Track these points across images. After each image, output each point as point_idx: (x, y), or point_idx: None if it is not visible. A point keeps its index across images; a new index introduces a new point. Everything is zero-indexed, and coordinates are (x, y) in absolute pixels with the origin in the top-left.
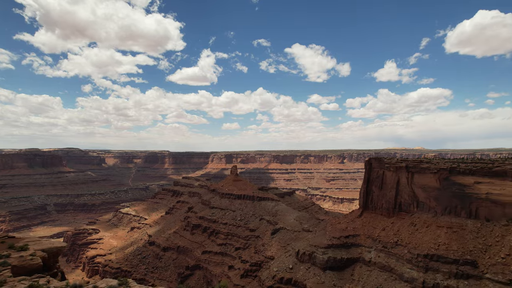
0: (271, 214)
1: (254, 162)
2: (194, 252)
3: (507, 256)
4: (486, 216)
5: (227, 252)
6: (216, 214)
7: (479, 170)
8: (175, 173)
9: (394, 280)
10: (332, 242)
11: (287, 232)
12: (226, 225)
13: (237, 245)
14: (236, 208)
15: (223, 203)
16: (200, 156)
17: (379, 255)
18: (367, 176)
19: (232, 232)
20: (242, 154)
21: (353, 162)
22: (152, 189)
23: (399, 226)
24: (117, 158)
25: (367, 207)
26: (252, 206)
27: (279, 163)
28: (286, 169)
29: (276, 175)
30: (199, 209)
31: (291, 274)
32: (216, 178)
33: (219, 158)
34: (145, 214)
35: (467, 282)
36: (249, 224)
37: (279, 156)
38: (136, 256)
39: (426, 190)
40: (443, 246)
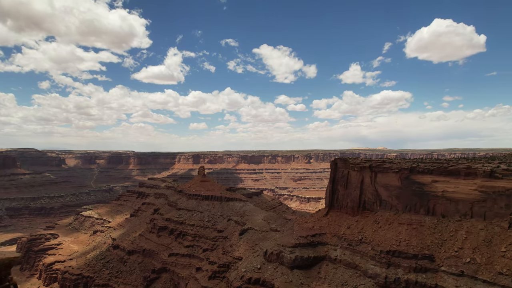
0: (239, 215)
1: (222, 162)
2: (160, 254)
3: (459, 250)
4: (442, 212)
5: (194, 254)
6: (183, 216)
7: (436, 170)
8: (141, 174)
9: (359, 276)
10: (299, 241)
11: (255, 232)
12: (194, 227)
13: (204, 246)
14: (203, 209)
15: (190, 204)
16: (166, 157)
17: (344, 253)
18: (333, 176)
19: (200, 233)
20: (209, 155)
21: (320, 162)
22: (116, 191)
23: (363, 224)
24: (78, 159)
25: (333, 206)
26: (220, 207)
27: (247, 163)
28: (254, 169)
29: (244, 176)
30: (166, 210)
31: (259, 274)
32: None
33: (186, 159)
34: (108, 216)
35: (425, 275)
36: (217, 225)
37: (247, 157)
38: (99, 260)
39: (389, 189)
40: (404, 242)
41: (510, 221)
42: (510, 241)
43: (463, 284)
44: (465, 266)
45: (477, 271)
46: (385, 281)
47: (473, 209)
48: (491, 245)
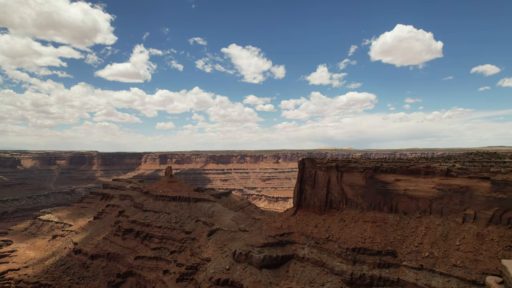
0: (207, 215)
1: (190, 162)
2: (126, 258)
3: (419, 245)
4: (404, 210)
5: (161, 256)
6: (150, 217)
7: (398, 169)
8: (105, 175)
9: (326, 274)
10: (268, 240)
11: (223, 232)
12: (161, 229)
13: (172, 248)
14: (171, 210)
15: (157, 206)
16: (132, 157)
17: (312, 251)
18: (301, 175)
19: (167, 235)
20: (177, 155)
21: (288, 162)
22: (78, 193)
23: (330, 223)
24: (36, 160)
25: (300, 205)
26: (187, 207)
27: (215, 163)
28: (223, 169)
29: (212, 176)
30: (131, 212)
31: (227, 274)
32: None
33: (152, 159)
34: (70, 220)
35: (388, 270)
36: (185, 226)
37: (216, 157)
38: (58, 267)
39: (354, 188)
40: (369, 239)
41: (463, 217)
42: (464, 235)
43: (422, 277)
44: (424, 260)
45: (435, 264)
46: (351, 278)
47: (432, 206)
48: (447, 240)
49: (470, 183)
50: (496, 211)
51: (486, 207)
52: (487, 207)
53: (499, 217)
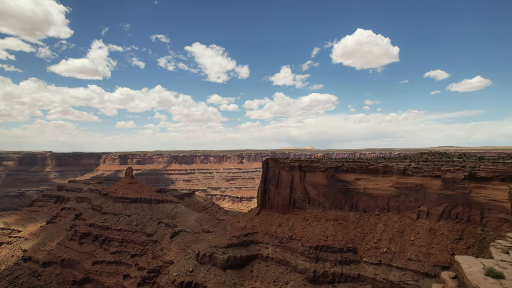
0: (170, 217)
1: (152, 163)
2: (83, 264)
3: (378, 241)
4: (364, 208)
5: (122, 260)
6: (109, 220)
7: (358, 168)
8: (60, 176)
9: (290, 272)
10: (232, 241)
11: (187, 234)
12: (121, 231)
13: (133, 252)
14: (131, 212)
15: (117, 208)
16: (90, 157)
17: (276, 250)
18: (264, 175)
19: (128, 238)
20: (138, 155)
21: (252, 162)
22: (29, 196)
23: (294, 222)
24: None
25: (264, 205)
26: (149, 209)
27: (178, 163)
28: (186, 169)
29: (175, 176)
30: (89, 215)
31: (191, 277)
32: (109, 181)
33: (112, 159)
34: (18, 225)
35: (349, 267)
36: (146, 228)
37: (178, 157)
38: (4, 277)
39: (316, 187)
40: (331, 237)
41: (418, 213)
42: (418, 231)
43: (380, 272)
44: (383, 255)
45: (392, 259)
46: (314, 275)
47: (390, 204)
48: (403, 235)
49: (424, 182)
50: (446, 207)
51: (438, 203)
52: (438, 204)
53: (449, 213)
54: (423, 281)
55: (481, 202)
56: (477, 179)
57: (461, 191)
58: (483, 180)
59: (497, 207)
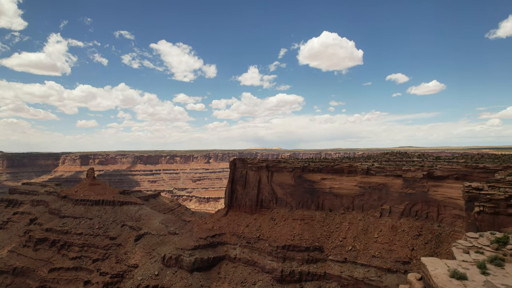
0: (134, 219)
1: (115, 163)
2: (38, 271)
3: (343, 239)
4: (329, 207)
5: (82, 266)
6: (69, 224)
7: (324, 168)
8: (12, 179)
9: (257, 272)
10: (199, 243)
11: (152, 237)
12: (81, 236)
13: (95, 256)
14: (93, 215)
15: (77, 211)
16: (47, 158)
17: (243, 251)
18: (232, 175)
19: (89, 242)
20: (100, 155)
21: (219, 162)
22: None
23: (261, 222)
24: None
25: (232, 205)
26: (112, 212)
27: (143, 164)
28: (151, 170)
29: (140, 177)
30: (46, 220)
31: (157, 280)
32: (69, 182)
33: (72, 160)
34: None
35: (315, 265)
36: (109, 232)
37: (143, 157)
38: None
39: (283, 187)
40: (298, 237)
41: (381, 211)
42: (381, 228)
43: (346, 269)
44: (348, 253)
45: (357, 257)
46: (281, 275)
47: (354, 203)
48: (367, 233)
49: (386, 181)
50: (406, 205)
51: (399, 201)
52: (399, 202)
53: (409, 210)
54: (386, 277)
55: (438, 199)
56: (435, 178)
57: (420, 189)
58: (440, 179)
59: (452, 204)
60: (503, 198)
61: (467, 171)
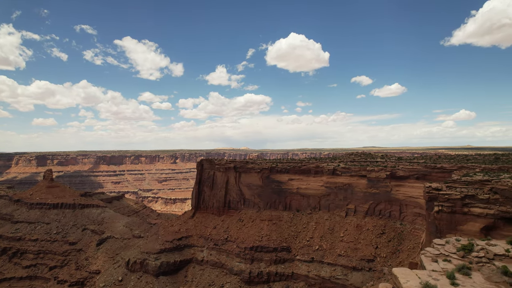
0: (96, 223)
1: (76, 164)
2: None
3: (310, 239)
4: (297, 207)
5: (37, 274)
6: (22, 230)
7: (292, 169)
8: None
9: (225, 275)
10: (165, 246)
11: (115, 241)
12: (37, 242)
13: (52, 263)
14: (51, 219)
15: (33, 216)
16: None
17: (211, 253)
18: (199, 177)
19: (46, 249)
20: (59, 155)
21: (186, 162)
22: None
23: (229, 223)
24: None
25: (199, 207)
26: (72, 215)
27: (106, 164)
28: (115, 171)
29: (103, 178)
30: None
31: (120, 286)
32: (23, 185)
33: (27, 160)
34: None
35: (283, 265)
36: (69, 236)
37: (106, 157)
38: None
39: (251, 188)
40: (266, 237)
41: (346, 211)
42: (347, 227)
43: (313, 269)
44: (315, 253)
45: (324, 256)
46: (249, 276)
47: (321, 203)
48: (333, 232)
49: (352, 181)
50: (371, 204)
51: (364, 201)
52: (364, 201)
53: (373, 209)
54: (352, 275)
55: (400, 198)
56: (397, 178)
57: (383, 189)
58: (402, 179)
59: (413, 203)
60: (459, 198)
61: (426, 171)
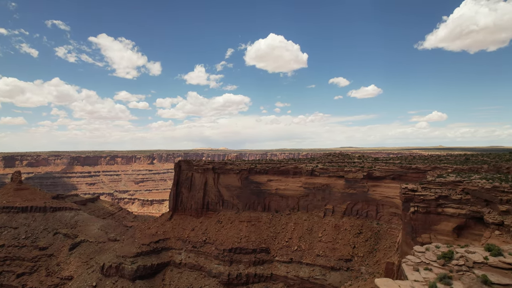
0: (69, 226)
1: (48, 165)
2: None
3: (289, 240)
4: (275, 208)
5: (3, 283)
6: None
7: (270, 170)
8: None
9: (204, 277)
10: (141, 249)
11: (90, 244)
12: (3, 248)
13: (20, 270)
14: (19, 224)
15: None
16: None
17: (189, 256)
18: (177, 178)
19: (13, 255)
20: (30, 156)
21: (163, 163)
22: None
23: (207, 225)
24: None
25: (177, 209)
26: (43, 219)
27: (80, 165)
28: (89, 172)
29: (77, 180)
30: None
31: None
32: None
33: None
34: None
35: (262, 267)
36: (39, 241)
37: (81, 158)
38: None
39: (230, 189)
40: (244, 239)
41: (325, 211)
42: (325, 228)
43: (291, 269)
44: (293, 253)
45: (302, 256)
46: (228, 278)
47: (299, 203)
48: (312, 233)
49: (330, 181)
50: (348, 204)
51: (341, 201)
52: (342, 202)
53: (351, 209)
54: (330, 275)
55: (376, 198)
56: (374, 178)
57: (361, 189)
58: (378, 179)
59: (389, 202)
60: (433, 199)
61: (402, 172)
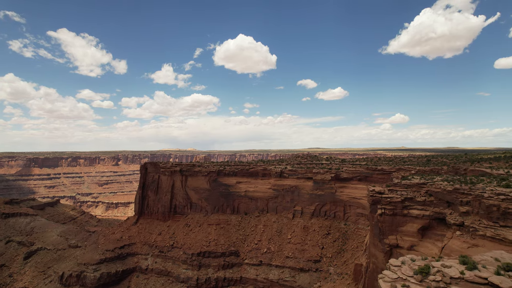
0: (24, 233)
1: (1, 167)
2: None
3: (259, 242)
4: (245, 210)
5: None
6: None
7: (239, 172)
8: None
9: (172, 283)
10: (105, 256)
11: (47, 252)
12: None
13: None
14: None
15: None
16: None
17: (156, 261)
18: (143, 181)
19: None
20: None
21: (129, 164)
22: None
23: (175, 229)
24: None
25: (143, 212)
26: None
27: (38, 167)
28: (49, 174)
29: (34, 183)
30: None
31: None
32: None
33: None
34: None
35: (231, 270)
36: None
37: (39, 159)
38: None
39: (198, 192)
40: (213, 242)
41: (294, 213)
42: (294, 229)
43: (261, 272)
44: (263, 256)
45: (272, 259)
46: (196, 283)
47: (269, 205)
48: (281, 234)
49: (298, 183)
50: (317, 206)
51: (310, 203)
52: (310, 203)
53: (319, 211)
54: (299, 276)
55: (344, 199)
56: (341, 179)
57: (328, 190)
58: (345, 180)
59: (356, 203)
60: (399, 201)
61: (368, 173)
